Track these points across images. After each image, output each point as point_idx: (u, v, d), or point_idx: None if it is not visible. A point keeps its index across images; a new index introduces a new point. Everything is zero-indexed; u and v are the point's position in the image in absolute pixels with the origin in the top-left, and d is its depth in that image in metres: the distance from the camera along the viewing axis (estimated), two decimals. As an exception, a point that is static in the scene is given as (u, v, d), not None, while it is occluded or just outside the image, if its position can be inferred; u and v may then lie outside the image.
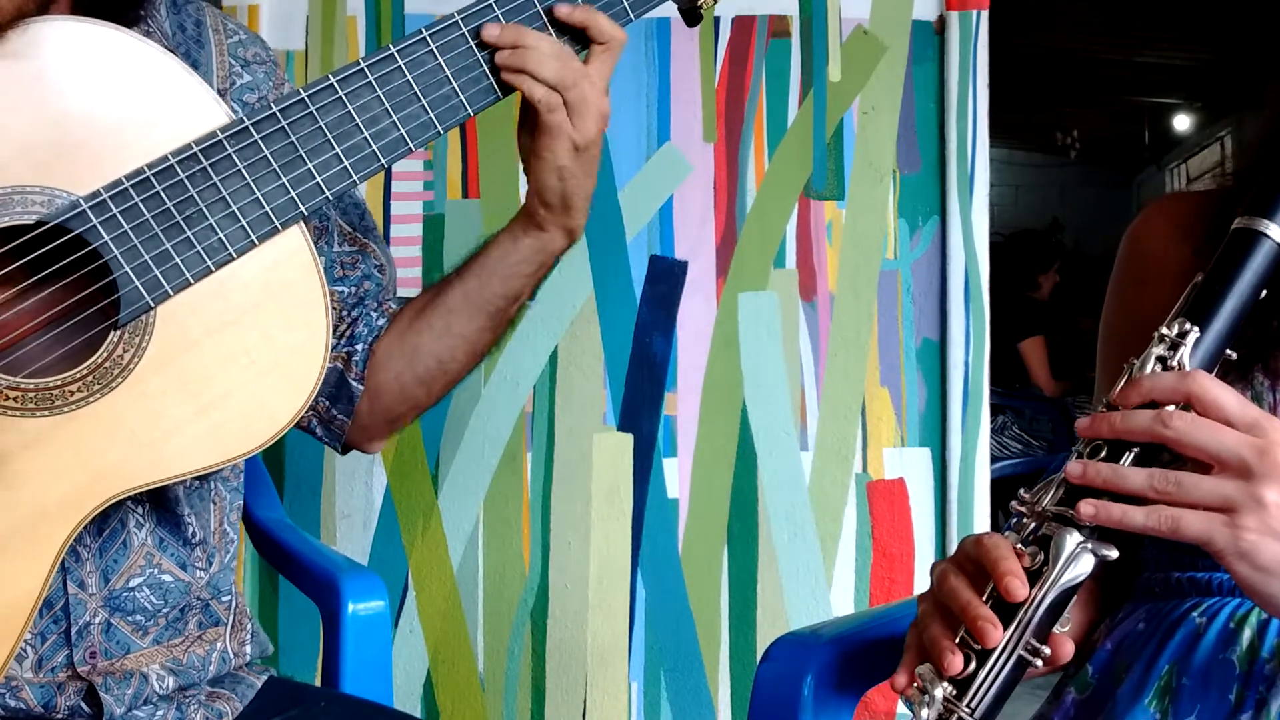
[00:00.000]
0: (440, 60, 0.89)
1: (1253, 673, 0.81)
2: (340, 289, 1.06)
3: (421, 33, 0.89)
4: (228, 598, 1.03)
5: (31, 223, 0.81)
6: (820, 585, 1.88)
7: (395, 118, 0.88)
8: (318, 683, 1.66)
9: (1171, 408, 0.73)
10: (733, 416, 1.88)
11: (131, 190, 0.83)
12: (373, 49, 1.86)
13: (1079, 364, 4.64)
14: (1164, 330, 0.77)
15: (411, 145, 0.89)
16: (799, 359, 1.88)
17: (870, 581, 1.88)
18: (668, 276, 1.88)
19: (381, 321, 1.05)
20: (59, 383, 0.82)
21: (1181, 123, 6.97)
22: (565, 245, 1.00)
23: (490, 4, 0.90)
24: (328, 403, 1.04)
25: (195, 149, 0.84)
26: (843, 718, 1.01)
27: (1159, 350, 0.76)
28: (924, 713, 0.74)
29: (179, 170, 0.84)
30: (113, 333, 0.83)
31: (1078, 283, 5.36)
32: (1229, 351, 0.77)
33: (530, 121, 0.93)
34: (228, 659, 1.01)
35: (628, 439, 1.88)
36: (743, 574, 1.89)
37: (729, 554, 1.89)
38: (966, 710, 0.73)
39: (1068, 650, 0.75)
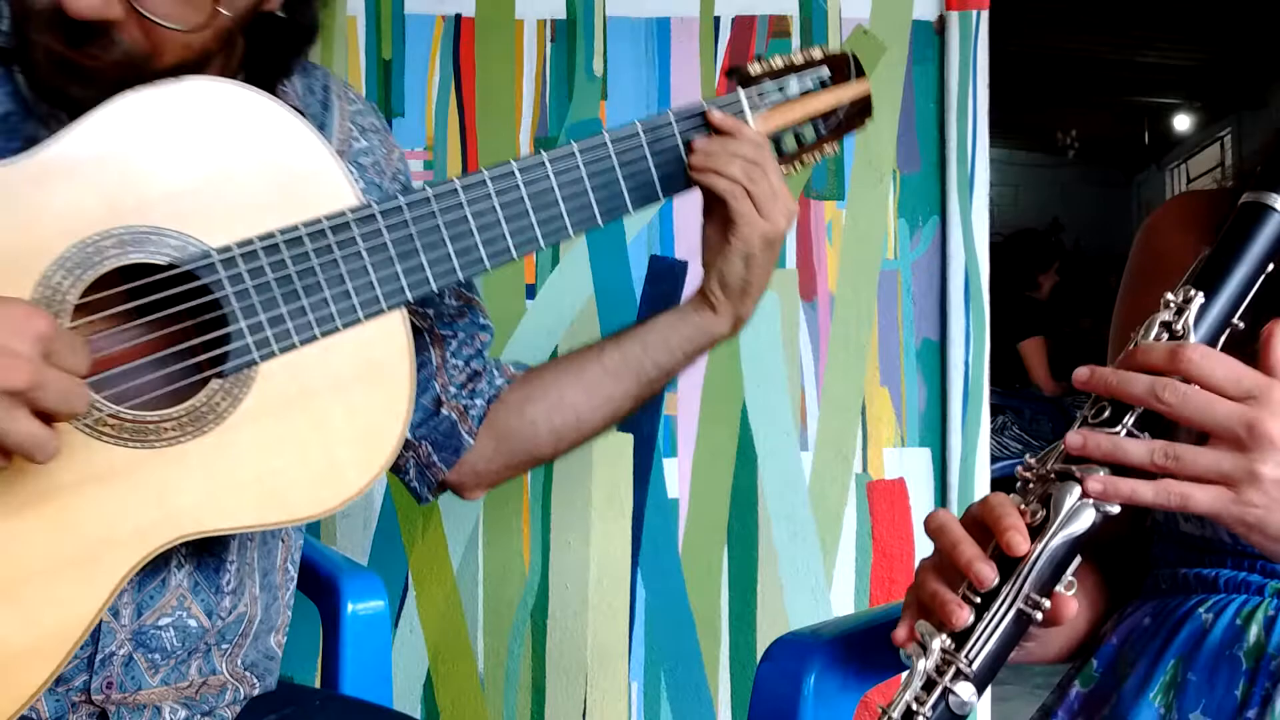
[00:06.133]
0: (553, 182, 0.96)
1: (1259, 668, 0.81)
2: (455, 334, 1.11)
3: (572, 146, 0.97)
4: (227, 645, 1.00)
5: (164, 263, 0.84)
6: (820, 585, 1.88)
7: (505, 228, 0.95)
8: (317, 683, 1.66)
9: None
10: (733, 416, 1.88)
11: (261, 251, 0.87)
12: (372, 49, 1.87)
13: (1079, 364, 4.60)
14: (1169, 296, 0.77)
15: (515, 255, 0.96)
16: (799, 359, 1.88)
17: (870, 581, 1.88)
18: (668, 276, 1.88)
19: (501, 382, 1.11)
20: (156, 419, 0.84)
21: (1181, 123, 6.97)
22: (729, 333, 1.07)
23: (638, 133, 0.99)
24: (431, 448, 1.08)
25: (325, 224, 0.89)
26: (842, 717, 1.01)
27: (1164, 316, 0.76)
28: (920, 664, 0.73)
29: (307, 241, 0.88)
30: (215, 380, 0.86)
31: (1078, 283, 5.36)
32: (1236, 321, 0.77)
33: (719, 214, 1.00)
34: (239, 698, 1.01)
35: (628, 439, 1.88)
36: (743, 574, 1.89)
37: (729, 554, 1.89)
38: (964, 661, 0.72)
39: (1070, 610, 0.74)
